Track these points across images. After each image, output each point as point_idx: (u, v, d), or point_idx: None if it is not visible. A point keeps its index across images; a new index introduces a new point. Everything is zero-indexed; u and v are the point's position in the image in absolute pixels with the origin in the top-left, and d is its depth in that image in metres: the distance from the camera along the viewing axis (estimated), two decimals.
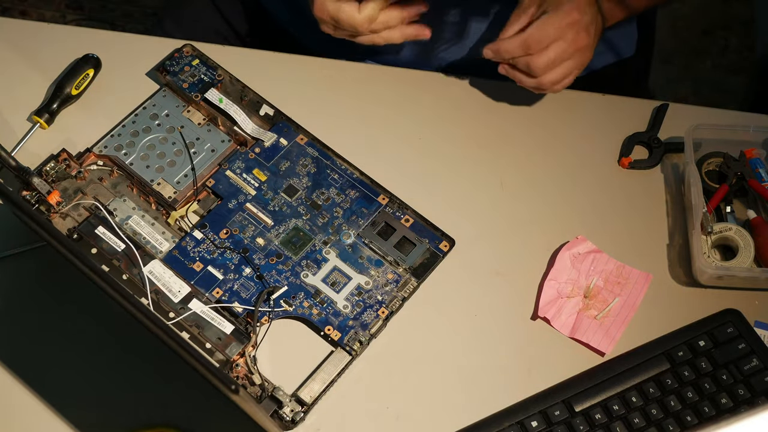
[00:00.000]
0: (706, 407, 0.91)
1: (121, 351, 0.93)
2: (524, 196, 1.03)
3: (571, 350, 0.95)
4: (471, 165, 1.05)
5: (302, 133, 1.04)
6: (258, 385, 0.90)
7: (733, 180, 1.01)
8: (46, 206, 0.97)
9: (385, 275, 0.96)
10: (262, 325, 0.93)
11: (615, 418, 0.90)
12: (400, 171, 1.03)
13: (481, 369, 0.94)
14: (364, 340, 0.93)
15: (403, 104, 1.08)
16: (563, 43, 0.97)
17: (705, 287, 0.98)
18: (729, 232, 0.99)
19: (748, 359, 0.92)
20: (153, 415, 0.90)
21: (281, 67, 1.11)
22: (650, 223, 1.02)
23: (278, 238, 0.98)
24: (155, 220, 0.98)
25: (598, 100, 1.10)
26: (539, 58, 0.97)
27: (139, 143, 1.02)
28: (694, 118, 1.05)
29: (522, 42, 0.96)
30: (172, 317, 0.92)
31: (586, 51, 0.99)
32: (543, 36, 0.96)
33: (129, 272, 0.94)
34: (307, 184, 1.01)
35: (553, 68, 0.99)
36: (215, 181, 1.00)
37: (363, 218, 0.99)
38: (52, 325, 0.95)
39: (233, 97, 1.05)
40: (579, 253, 0.99)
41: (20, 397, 0.91)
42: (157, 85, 1.07)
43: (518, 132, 1.07)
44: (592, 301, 0.97)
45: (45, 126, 1.04)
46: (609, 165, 1.06)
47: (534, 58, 0.97)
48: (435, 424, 0.91)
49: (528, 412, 0.90)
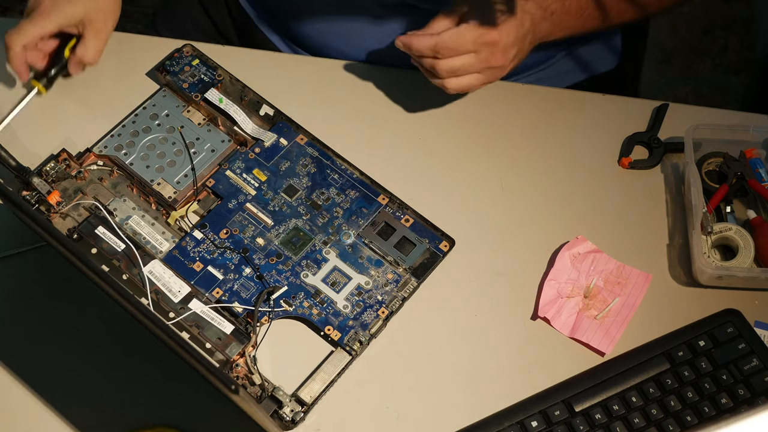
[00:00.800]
0: (706, 407, 0.91)
1: (120, 351, 0.93)
2: (524, 196, 1.03)
3: (571, 350, 0.95)
4: (471, 165, 1.05)
5: (302, 133, 1.04)
6: (258, 385, 0.90)
7: (733, 180, 1.01)
8: (46, 206, 0.97)
9: (385, 275, 0.96)
10: (262, 325, 0.93)
11: (615, 418, 0.90)
12: (400, 171, 1.03)
13: (481, 369, 0.94)
14: (364, 340, 0.93)
15: (403, 104, 1.08)
16: (474, 57, 0.96)
17: (705, 287, 0.98)
18: (729, 232, 0.99)
19: (748, 359, 0.92)
20: (153, 415, 0.90)
21: (281, 67, 1.11)
22: (650, 223, 1.02)
23: (278, 238, 0.98)
24: (155, 220, 0.98)
25: (598, 100, 1.10)
26: (444, 63, 0.97)
27: (139, 143, 1.02)
28: (694, 118, 1.05)
29: (433, 45, 0.95)
30: (172, 317, 0.92)
31: (498, 71, 0.98)
32: (455, 45, 0.95)
33: (129, 272, 0.94)
34: (307, 184, 1.01)
35: (457, 76, 0.98)
36: (215, 181, 1.00)
37: (363, 218, 0.99)
38: (52, 324, 0.94)
39: (233, 97, 1.05)
40: (579, 253, 0.99)
41: (20, 396, 0.91)
42: (157, 85, 1.07)
43: (518, 132, 1.07)
44: (592, 301, 0.97)
45: (43, 90, 1.04)
46: (609, 165, 1.06)
47: (439, 62, 0.97)
48: (435, 424, 0.91)
49: (528, 412, 0.90)
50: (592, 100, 1.10)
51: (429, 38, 0.96)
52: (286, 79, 1.09)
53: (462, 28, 0.95)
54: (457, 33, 0.95)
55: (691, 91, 1.96)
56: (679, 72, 1.98)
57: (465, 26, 0.95)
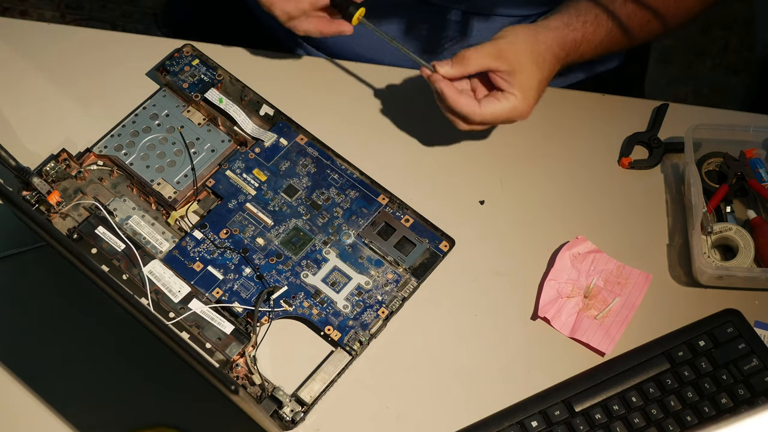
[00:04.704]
0: (706, 407, 0.91)
1: (120, 351, 0.93)
2: (524, 196, 1.03)
3: (571, 350, 0.95)
4: (471, 165, 1.05)
5: (302, 133, 1.04)
6: (258, 385, 0.90)
7: (733, 180, 1.01)
8: (46, 206, 0.97)
9: (385, 275, 0.96)
10: (262, 325, 0.93)
11: (615, 418, 0.90)
12: (400, 171, 1.03)
13: (481, 369, 0.94)
14: (364, 340, 0.93)
15: (403, 104, 1.08)
16: (496, 121, 0.99)
17: (705, 287, 0.98)
18: (729, 232, 0.99)
19: (748, 359, 0.92)
20: (153, 415, 0.90)
21: (281, 67, 1.11)
22: (650, 223, 1.02)
23: (278, 238, 0.98)
24: (155, 220, 0.98)
25: (598, 100, 1.10)
26: (467, 126, 0.99)
27: (139, 143, 1.02)
28: (694, 118, 1.05)
29: (459, 112, 0.96)
30: (172, 317, 0.92)
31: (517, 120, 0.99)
32: (485, 120, 0.97)
33: (129, 272, 0.94)
34: (307, 184, 1.01)
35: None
36: (215, 181, 1.00)
37: (363, 218, 0.99)
38: (52, 325, 0.95)
39: (233, 97, 1.05)
40: (579, 253, 0.99)
41: (20, 396, 0.91)
42: (157, 85, 1.07)
43: (518, 132, 1.07)
44: (592, 301, 0.97)
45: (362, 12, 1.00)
46: (609, 165, 1.06)
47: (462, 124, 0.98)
48: (435, 424, 0.91)
49: (528, 412, 0.90)
50: (592, 100, 1.10)
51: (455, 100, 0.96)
52: (286, 79, 1.09)
53: (484, 107, 0.96)
54: (492, 115, 0.96)
55: (691, 91, 1.96)
56: (679, 72, 1.98)
57: (488, 104, 0.96)
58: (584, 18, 0.99)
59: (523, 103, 0.97)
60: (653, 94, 1.26)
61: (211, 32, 1.25)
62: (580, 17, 0.99)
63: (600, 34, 1.00)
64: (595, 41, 1.01)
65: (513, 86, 0.96)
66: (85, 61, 1.10)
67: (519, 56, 0.96)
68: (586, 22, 0.99)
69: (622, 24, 1.01)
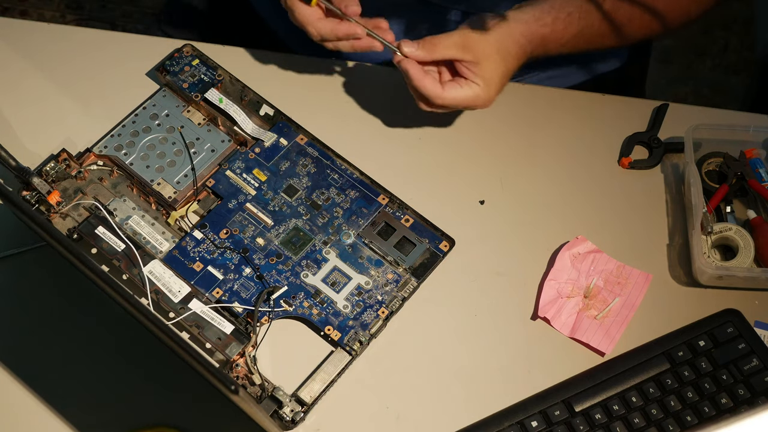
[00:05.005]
0: (706, 407, 0.91)
1: (120, 351, 0.93)
2: (524, 196, 1.03)
3: (571, 350, 0.95)
4: (471, 165, 1.05)
5: (302, 133, 1.04)
6: (258, 385, 0.90)
7: (733, 180, 1.01)
8: (46, 206, 0.97)
9: (385, 275, 0.96)
10: (262, 325, 0.93)
11: (615, 418, 0.90)
12: (400, 171, 1.03)
13: (481, 369, 0.94)
14: (364, 340, 0.93)
15: (403, 104, 1.08)
16: (458, 106, 1.00)
17: (705, 287, 0.98)
18: (729, 232, 0.99)
19: (748, 359, 0.92)
20: (153, 415, 0.90)
21: (281, 67, 1.11)
22: (650, 223, 1.02)
23: (278, 238, 0.98)
24: (155, 220, 0.98)
25: (598, 100, 1.10)
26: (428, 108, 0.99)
27: (139, 143, 1.02)
28: (694, 118, 1.05)
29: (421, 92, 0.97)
30: (172, 317, 0.92)
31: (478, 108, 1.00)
32: (447, 105, 0.98)
33: (129, 272, 0.94)
34: (307, 184, 1.01)
35: None
36: (215, 181, 1.00)
37: (363, 218, 0.99)
38: (52, 325, 0.95)
39: (233, 97, 1.05)
40: (579, 253, 0.99)
41: (20, 396, 0.91)
42: (157, 85, 1.07)
43: (518, 132, 1.07)
44: (592, 301, 0.97)
45: None
46: (609, 165, 1.06)
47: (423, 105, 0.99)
48: (435, 424, 0.91)
49: (528, 412, 0.90)
50: (592, 100, 1.10)
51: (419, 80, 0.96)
52: (286, 79, 1.09)
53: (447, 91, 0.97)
54: (454, 100, 0.97)
55: (691, 91, 1.96)
56: (679, 72, 1.98)
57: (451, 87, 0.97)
58: (556, 14, 1.00)
59: (485, 92, 0.98)
60: (653, 94, 1.26)
61: (211, 32, 1.25)
62: (552, 13, 1.00)
63: (570, 32, 1.01)
64: (562, 40, 1.01)
65: (477, 76, 0.97)
66: (85, 61, 1.10)
67: (485, 48, 0.97)
68: (557, 19, 1.00)
69: (595, 25, 1.01)
